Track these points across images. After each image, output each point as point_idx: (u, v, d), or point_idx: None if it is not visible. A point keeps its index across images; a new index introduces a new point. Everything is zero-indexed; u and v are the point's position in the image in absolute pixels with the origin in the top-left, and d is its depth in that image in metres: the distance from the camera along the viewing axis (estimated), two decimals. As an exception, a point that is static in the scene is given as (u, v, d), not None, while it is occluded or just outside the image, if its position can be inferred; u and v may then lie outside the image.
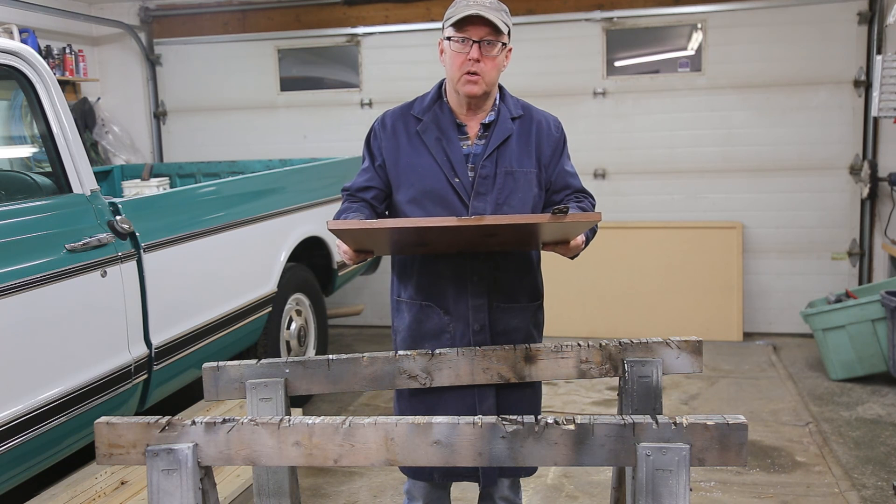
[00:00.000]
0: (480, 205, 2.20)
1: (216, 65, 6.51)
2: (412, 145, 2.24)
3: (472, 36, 2.11)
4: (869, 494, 3.37)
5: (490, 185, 2.21)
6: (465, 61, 2.12)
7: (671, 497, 1.65)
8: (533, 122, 2.30)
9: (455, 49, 2.14)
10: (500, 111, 2.27)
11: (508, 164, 2.22)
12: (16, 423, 2.58)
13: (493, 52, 2.14)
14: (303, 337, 4.58)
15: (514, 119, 2.27)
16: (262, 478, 2.19)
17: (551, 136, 2.31)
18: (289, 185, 4.51)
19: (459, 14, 2.10)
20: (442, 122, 2.24)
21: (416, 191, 2.22)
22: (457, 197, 2.20)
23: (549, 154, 2.30)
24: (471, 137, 2.25)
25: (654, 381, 2.14)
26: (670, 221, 5.87)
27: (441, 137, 2.22)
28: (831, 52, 5.49)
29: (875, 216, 5.55)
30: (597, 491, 3.49)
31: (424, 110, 2.27)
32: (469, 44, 2.12)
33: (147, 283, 3.20)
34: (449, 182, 2.20)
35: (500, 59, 2.17)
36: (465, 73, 2.13)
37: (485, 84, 2.16)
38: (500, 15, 2.13)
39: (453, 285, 2.24)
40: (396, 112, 2.32)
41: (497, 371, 2.20)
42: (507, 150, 2.23)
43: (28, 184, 3.13)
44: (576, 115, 5.93)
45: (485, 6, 2.11)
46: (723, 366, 5.15)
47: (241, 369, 2.19)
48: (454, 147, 2.22)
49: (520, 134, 2.26)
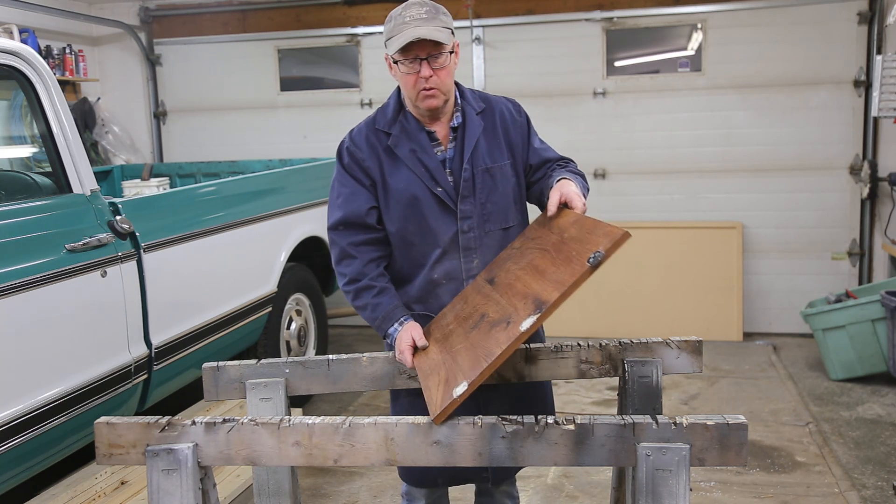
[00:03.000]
0: (467, 207, 2.20)
1: (216, 65, 6.51)
2: (389, 161, 2.22)
3: (419, 54, 2.08)
4: (869, 494, 3.37)
5: (471, 187, 2.21)
6: (418, 79, 2.10)
7: (671, 497, 1.65)
8: (496, 113, 2.29)
9: (405, 71, 2.11)
10: (464, 111, 2.25)
11: (483, 162, 2.22)
12: (16, 423, 2.58)
13: (442, 63, 2.11)
14: (303, 337, 4.58)
15: (478, 114, 2.26)
16: (262, 478, 2.20)
17: (517, 122, 2.31)
18: (289, 185, 4.51)
19: (400, 41, 2.06)
20: (411, 132, 2.20)
21: (402, 207, 2.20)
22: (442, 205, 2.19)
23: (519, 141, 2.30)
24: (442, 142, 2.23)
25: (654, 381, 2.14)
26: (670, 221, 5.87)
27: (415, 148, 2.20)
28: (831, 52, 5.49)
29: (875, 216, 5.55)
30: (597, 491, 3.49)
31: (390, 123, 2.22)
32: (418, 62, 2.09)
33: (147, 284, 3.20)
34: (431, 192, 2.19)
35: (450, 66, 2.15)
36: (421, 90, 2.11)
37: (443, 94, 2.15)
38: (438, 25, 2.08)
39: (451, 295, 2.23)
40: (362, 130, 2.26)
41: (497, 371, 2.20)
42: (479, 148, 2.23)
43: (28, 184, 3.14)
44: (576, 115, 5.93)
45: (421, 20, 2.07)
46: (723, 366, 5.15)
47: (241, 369, 2.19)
48: (430, 156, 2.20)
49: (486, 128, 2.26)
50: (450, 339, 2.00)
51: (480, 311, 1.99)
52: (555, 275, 1.82)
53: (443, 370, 1.89)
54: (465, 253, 2.22)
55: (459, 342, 1.93)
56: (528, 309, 1.78)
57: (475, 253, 2.22)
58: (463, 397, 1.72)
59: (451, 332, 2.02)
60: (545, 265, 1.91)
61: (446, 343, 2.01)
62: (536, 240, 2.10)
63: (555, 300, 1.74)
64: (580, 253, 1.79)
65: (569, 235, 1.94)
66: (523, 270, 1.99)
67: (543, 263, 1.93)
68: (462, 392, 1.72)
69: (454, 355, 1.90)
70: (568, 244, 1.90)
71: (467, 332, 1.95)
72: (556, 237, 1.99)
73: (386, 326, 2.17)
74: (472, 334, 1.92)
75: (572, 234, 1.93)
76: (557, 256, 1.89)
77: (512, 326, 1.77)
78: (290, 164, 5.31)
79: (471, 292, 2.15)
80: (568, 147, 5.90)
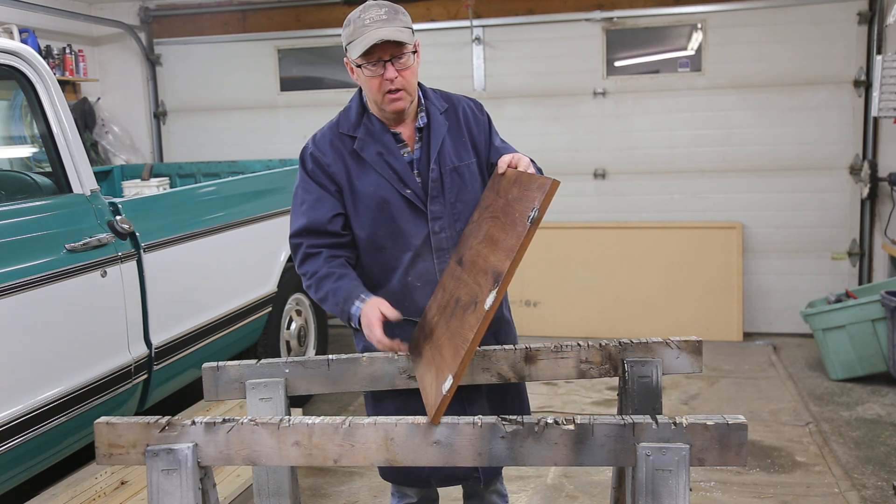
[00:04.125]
0: (437, 208, 2.19)
1: (216, 65, 6.51)
2: (356, 165, 2.18)
3: (382, 56, 2.05)
4: (869, 494, 3.37)
5: (439, 187, 2.19)
6: (383, 81, 2.07)
7: (671, 497, 1.65)
8: (459, 111, 2.28)
9: (369, 74, 2.07)
10: (428, 111, 2.23)
11: (451, 161, 2.21)
12: (16, 423, 2.58)
13: (406, 64, 2.08)
14: (303, 337, 4.58)
15: (441, 114, 2.25)
16: (262, 478, 2.19)
17: (479, 121, 2.31)
18: (289, 185, 4.48)
19: (363, 45, 2.02)
20: (376, 134, 2.17)
21: (371, 211, 2.17)
22: (412, 207, 2.18)
23: (482, 140, 2.29)
24: (408, 143, 2.21)
25: (654, 381, 2.14)
26: (670, 221, 5.86)
27: (382, 151, 2.17)
28: (831, 52, 5.49)
29: (875, 216, 5.55)
30: (597, 491, 3.49)
31: (354, 126, 2.19)
32: (381, 64, 2.06)
33: (147, 283, 3.20)
34: (400, 194, 2.17)
35: (414, 66, 2.12)
36: (387, 92, 2.08)
37: (409, 96, 2.13)
38: (399, 25, 2.05)
39: (426, 297, 2.20)
40: (326, 135, 2.23)
41: (497, 371, 2.20)
42: (445, 148, 2.22)
43: (28, 184, 3.14)
44: (576, 115, 5.93)
45: (381, 21, 2.04)
46: (723, 366, 5.15)
47: (240, 369, 2.19)
48: (397, 158, 2.18)
49: (451, 127, 2.25)
50: (435, 332, 2.00)
51: (455, 296, 1.98)
52: (506, 242, 1.81)
53: (433, 366, 1.89)
54: (438, 254, 2.20)
55: (442, 333, 1.93)
56: (489, 284, 1.77)
57: (448, 253, 2.20)
58: (452, 391, 1.72)
59: (436, 324, 2.01)
60: (497, 233, 1.90)
61: (433, 337, 2.00)
62: (488, 208, 2.09)
63: (508, 269, 1.72)
64: (522, 213, 1.78)
65: (512, 196, 1.93)
66: (482, 244, 1.98)
67: (496, 232, 1.92)
68: (449, 387, 1.72)
69: (440, 349, 1.90)
70: (512, 206, 1.89)
71: (448, 321, 1.95)
72: (503, 201, 1.99)
73: (348, 308, 2.08)
74: (452, 323, 1.91)
75: (514, 194, 1.92)
76: (506, 221, 1.89)
77: (479, 306, 1.76)
78: (290, 164, 5.30)
79: (447, 278, 2.14)
80: (568, 147, 5.97)
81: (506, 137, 2.42)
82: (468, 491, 2.49)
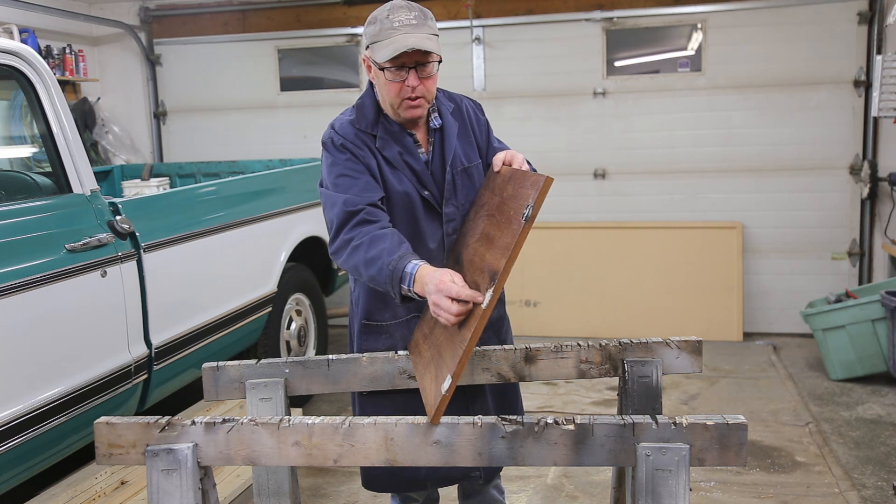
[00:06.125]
0: (451, 210, 2.19)
1: (216, 65, 6.51)
2: (382, 161, 2.15)
3: (407, 63, 2.00)
4: (869, 494, 3.37)
5: (452, 189, 2.19)
6: (404, 87, 2.03)
7: (671, 497, 1.65)
8: (463, 111, 2.28)
9: (390, 78, 2.03)
10: (442, 114, 2.22)
11: (461, 163, 2.21)
12: (16, 423, 2.58)
13: (430, 73, 2.04)
14: (303, 337, 4.58)
15: (450, 114, 2.23)
16: (262, 478, 2.19)
17: (480, 121, 2.31)
18: (289, 185, 4.51)
19: (391, 50, 1.97)
20: (395, 135, 2.15)
21: (397, 208, 2.15)
22: (429, 208, 2.18)
23: (484, 140, 2.30)
24: (423, 145, 2.20)
25: (654, 381, 2.14)
26: (670, 221, 5.87)
27: (402, 151, 2.14)
28: (831, 52, 5.49)
29: (875, 216, 5.55)
30: (597, 491, 3.49)
31: (371, 125, 2.14)
32: (405, 70, 2.01)
33: (147, 283, 3.20)
34: (419, 194, 2.16)
35: (436, 74, 2.09)
36: (405, 98, 2.05)
37: (427, 103, 2.10)
38: (427, 32, 2.01)
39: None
40: (346, 126, 2.15)
41: (497, 371, 2.20)
42: (456, 150, 2.22)
43: (28, 184, 3.13)
44: (576, 115, 5.93)
45: (410, 25, 1.98)
46: (723, 366, 5.15)
47: (240, 369, 2.19)
48: (416, 159, 2.17)
49: (460, 128, 2.25)
50: (434, 332, 2.00)
51: None
52: (501, 240, 1.81)
53: (432, 367, 1.89)
54: (449, 255, 2.21)
55: (442, 334, 1.93)
56: (486, 283, 1.77)
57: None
58: (450, 392, 1.72)
59: (435, 324, 2.02)
60: (493, 231, 1.90)
61: (432, 337, 2.01)
62: (484, 206, 2.09)
63: (504, 267, 1.72)
64: (517, 211, 1.78)
65: (507, 194, 1.93)
66: (478, 242, 1.98)
67: (492, 230, 1.92)
68: (448, 387, 1.72)
69: (440, 349, 1.91)
70: (507, 203, 1.89)
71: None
72: (498, 198, 1.99)
73: (402, 265, 1.90)
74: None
75: (509, 192, 1.92)
76: (501, 219, 1.88)
77: (476, 305, 1.77)
78: (290, 164, 5.31)
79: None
80: (568, 147, 5.98)
81: (505, 137, 2.43)
82: (466, 490, 2.49)
